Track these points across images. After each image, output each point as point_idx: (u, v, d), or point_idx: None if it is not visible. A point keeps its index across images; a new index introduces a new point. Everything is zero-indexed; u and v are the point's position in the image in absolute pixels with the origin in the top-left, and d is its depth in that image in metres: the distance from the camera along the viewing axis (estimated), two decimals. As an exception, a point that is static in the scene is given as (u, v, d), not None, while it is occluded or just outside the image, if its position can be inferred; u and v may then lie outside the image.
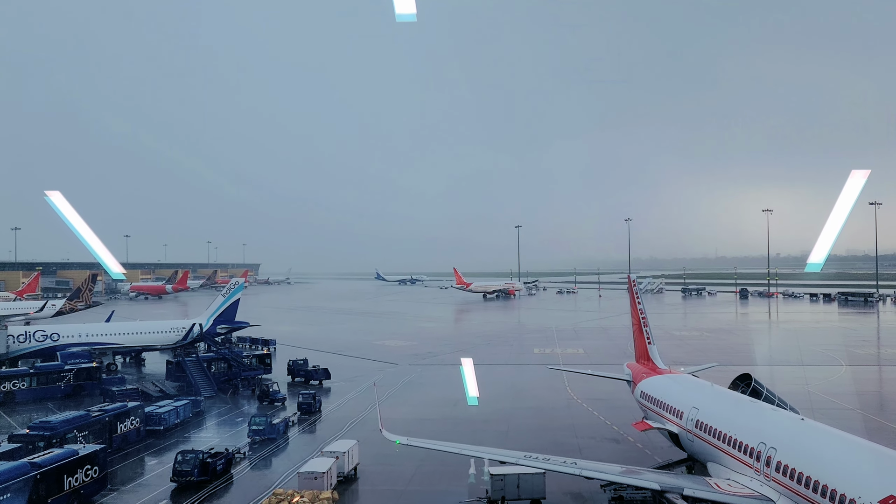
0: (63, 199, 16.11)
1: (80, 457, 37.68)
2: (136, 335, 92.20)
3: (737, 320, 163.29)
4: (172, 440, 52.33)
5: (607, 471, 32.59)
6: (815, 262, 16.34)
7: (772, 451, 29.21)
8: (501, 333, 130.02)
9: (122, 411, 51.40)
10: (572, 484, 37.81)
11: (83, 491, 37.34)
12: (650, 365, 49.72)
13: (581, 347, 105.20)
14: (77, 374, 72.01)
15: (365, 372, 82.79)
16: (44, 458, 36.17)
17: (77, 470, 37.09)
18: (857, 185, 15.74)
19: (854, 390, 70.37)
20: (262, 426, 52.01)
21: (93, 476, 38.22)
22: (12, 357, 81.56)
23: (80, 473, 37.23)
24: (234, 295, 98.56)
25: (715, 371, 56.30)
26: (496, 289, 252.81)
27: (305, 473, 38.55)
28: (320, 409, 61.84)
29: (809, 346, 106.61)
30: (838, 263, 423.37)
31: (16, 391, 67.76)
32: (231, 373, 75.32)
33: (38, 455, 37.26)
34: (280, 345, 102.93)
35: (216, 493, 40.11)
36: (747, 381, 41.02)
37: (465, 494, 38.62)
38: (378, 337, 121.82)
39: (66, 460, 36.65)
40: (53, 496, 35.14)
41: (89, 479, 37.96)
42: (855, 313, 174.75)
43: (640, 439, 49.05)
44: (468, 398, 50.98)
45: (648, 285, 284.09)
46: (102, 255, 17.07)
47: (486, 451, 36.58)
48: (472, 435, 48.51)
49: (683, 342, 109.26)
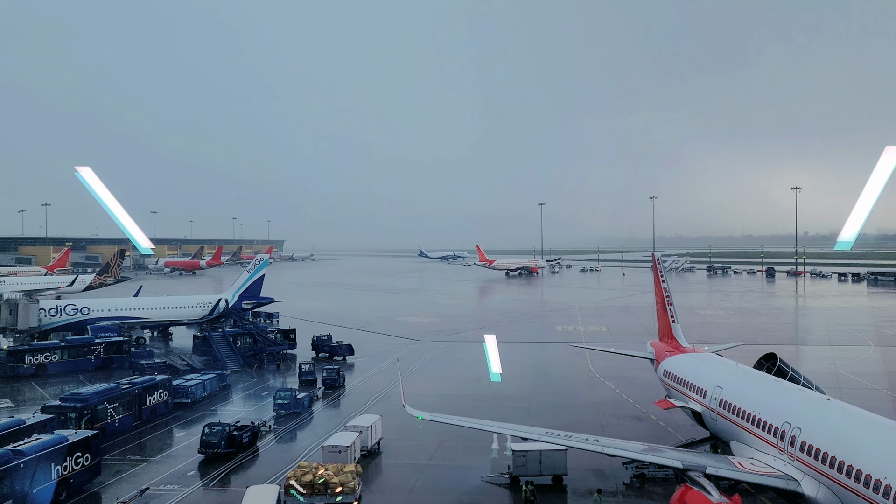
0: (93, 174, 16.27)
1: (70, 443, 35.50)
2: (163, 310, 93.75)
3: (762, 299, 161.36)
4: (199, 413, 53.32)
5: (629, 448, 32.57)
6: (845, 240, 16.00)
7: (796, 431, 28.99)
8: (524, 311, 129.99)
9: (150, 384, 52.43)
10: (594, 461, 37.94)
11: (73, 480, 35.24)
12: (674, 343, 49.44)
13: (604, 325, 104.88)
14: (107, 348, 73.47)
15: (388, 348, 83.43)
16: (29, 446, 33.74)
17: (66, 458, 34.89)
18: (892, 161, 15.25)
19: (882, 371, 69.38)
20: (288, 400, 52.77)
21: (84, 464, 36.09)
22: (44, 330, 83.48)
23: (69, 461, 35.09)
24: (259, 271, 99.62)
25: (739, 350, 55.83)
26: (519, 266, 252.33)
27: (329, 447, 39.07)
28: (344, 385, 62.53)
29: (836, 325, 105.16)
30: (868, 243, 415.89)
31: (48, 364, 69.36)
32: (256, 347, 76.37)
33: (24, 442, 34.74)
34: (304, 320, 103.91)
35: (242, 465, 40.90)
36: (772, 360, 40.61)
37: (487, 470, 38.96)
38: (401, 313, 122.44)
39: (54, 447, 34.43)
40: (39, 486, 32.93)
41: (80, 467, 35.82)
42: (884, 293, 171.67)
43: (662, 417, 48.97)
44: (491, 375, 51.19)
45: (673, 263, 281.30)
46: (131, 231, 17.24)
47: (508, 427, 36.72)
48: (495, 411, 48.79)
49: (707, 321, 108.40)
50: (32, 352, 69.79)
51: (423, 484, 37.74)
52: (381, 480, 39.12)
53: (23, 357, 68.50)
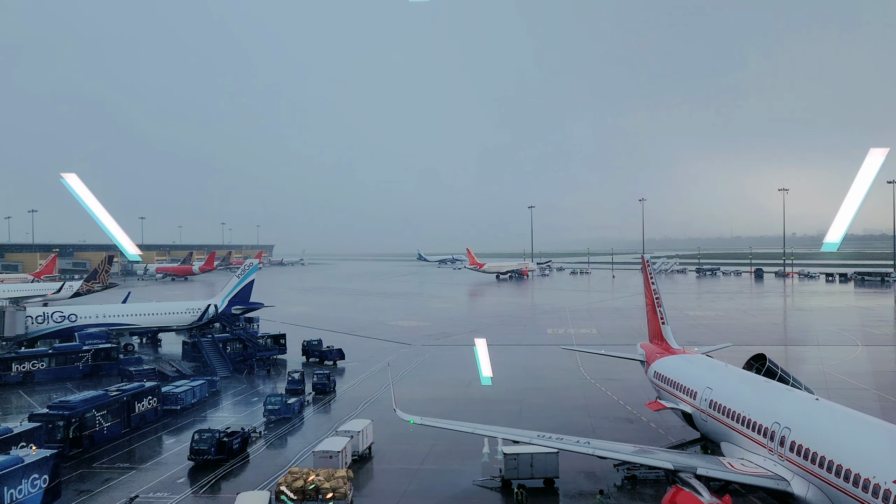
0: (79, 181, 16.18)
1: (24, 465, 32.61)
2: (152, 316, 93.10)
3: (751, 300, 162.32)
4: (189, 419, 52.99)
5: (620, 450, 32.65)
6: (832, 241, 16.13)
7: (786, 431, 29.15)
8: (514, 314, 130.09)
9: (139, 391, 52.06)
10: (585, 463, 38.03)
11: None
12: (664, 345, 49.62)
13: (594, 328, 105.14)
14: (95, 355, 72.92)
15: (379, 352, 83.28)
16: None
17: (22, 480, 32.24)
18: (876, 163, 15.44)
19: (870, 370, 69.93)
20: (278, 406, 52.52)
21: (41, 486, 33.37)
22: (31, 338, 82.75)
23: (24, 485, 32.37)
24: (249, 276, 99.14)
25: (729, 351, 56.12)
26: (509, 269, 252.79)
27: (321, 452, 38.97)
28: (335, 389, 62.33)
29: (824, 326, 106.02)
30: (855, 243, 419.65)
31: (35, 371, 68.75)
32: (246, 353, 76.05)
33: None
34: (294, 325, 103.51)
35: (233, 472, 40.65)
36: (762, 361, 40.84)
37: (478, 473, 38.94)
38: (392, 317, 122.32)
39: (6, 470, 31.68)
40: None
41: (36, 489, 33.05)
42: (871, 293, 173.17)
43: (653, 419, 49.10)
44: (482, 378, 51.19)
45: (662, 265, 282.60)
46: (118, 237, 17.17)
47: (499, 430, 36.76)
48: (486, 415, 48.80)
49: (697, 322, 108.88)
50: (19, 359, 69.14)
51: (415, 488, 37.65)
52: (372, 485, 38.99)
53: (10, 365, 67.87)
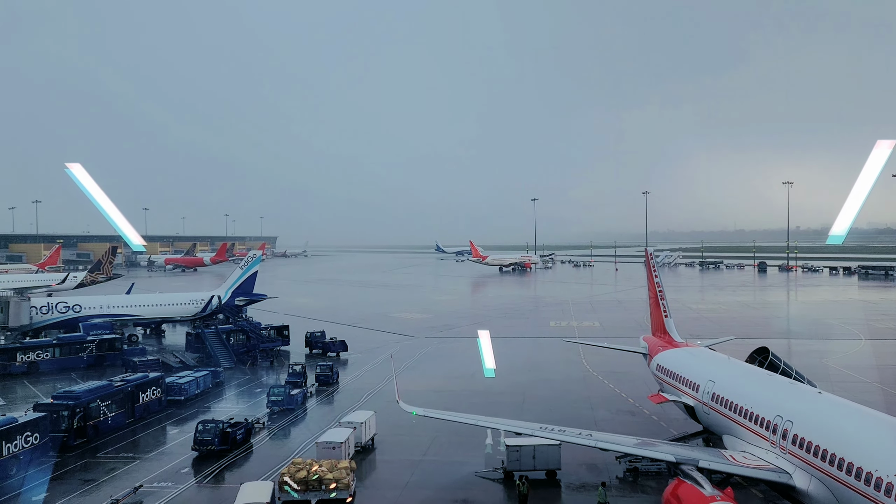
0: (83, 171, 16.16)
1: None
2: (156, 307, 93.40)
3: (754, 294, 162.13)
4: (193, 410, 53.17)
5: (623, 442, 32.68)
6: (837, 234, 16.06)
7: (788, 424, 29.14)
8: (517, 306, 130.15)
9: (143, 381, 52.24)
10: (587, 455, 38.08)
11: None
12: (666, 338, 49.61)
13: (597, 320, 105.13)
14: (99, 345, 73.12)
15: (382, 344, 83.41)
16: None
17: None
18: (883, 155, 15.32)
19: (873, 364, 69.89)
20: (281, 397, 52.67)
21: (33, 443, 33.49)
22: (35, 328, 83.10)
23: None
24: (252, 267, 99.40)
25: (732, 344, 56.14)
26: (512, 262, 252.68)
27: (323, 443, 39.05)
28: (338, 381, 62.49)
29: (828, 319, 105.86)
30: (860, 236, 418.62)
31: (39, 362, 68.98)
32: (250, 344, 76.21)
33: None
34: (297, 317, 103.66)
35: (236, 462, 40.82)
36: (764, 354, 40.83)
37: (481, 465, 39.06)
38: (395, 309, 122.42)
39: None
40: None
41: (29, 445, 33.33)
42: (875, 287, 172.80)
43: (655, 412, 49.14)
44: (485, 370, 51.20)
45: (666, 258, 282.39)
46: (123, 228, 17.17)
47: (501, 422, 36.84)
48: (488, 407, 48.84)
49: (700, 315, 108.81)
50: (24, 350, 69.39)
51: (418, 479, 37.76)
52: (375, 476, 39.15)
53: (14, 355, 68.07)
